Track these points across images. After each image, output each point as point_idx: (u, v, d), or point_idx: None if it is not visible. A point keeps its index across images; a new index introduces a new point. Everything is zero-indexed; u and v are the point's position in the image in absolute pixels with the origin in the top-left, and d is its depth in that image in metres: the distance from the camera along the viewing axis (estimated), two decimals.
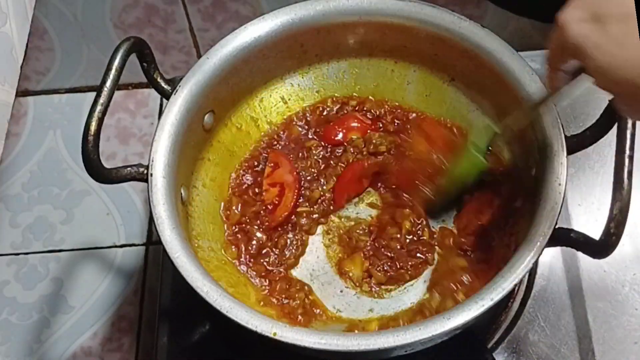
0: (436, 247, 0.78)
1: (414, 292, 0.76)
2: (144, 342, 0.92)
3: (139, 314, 0.93)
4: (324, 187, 0.82)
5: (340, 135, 0.85)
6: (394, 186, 0.82)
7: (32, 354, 0.92)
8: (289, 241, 0.79)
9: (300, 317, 0.74)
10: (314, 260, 0.79)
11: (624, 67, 0.47)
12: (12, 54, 0.81)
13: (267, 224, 0.80)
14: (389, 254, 0.78)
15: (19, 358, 0.92)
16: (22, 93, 1.10)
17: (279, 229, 0.80)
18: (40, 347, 0.92)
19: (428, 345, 0.66)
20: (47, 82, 1.10)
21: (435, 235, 0.79)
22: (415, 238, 0.79)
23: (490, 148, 0.74)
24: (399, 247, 0.78)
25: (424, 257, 0.78)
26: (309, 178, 0.83)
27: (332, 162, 0.84)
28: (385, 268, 0.77)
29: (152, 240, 0.98)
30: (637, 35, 0.46)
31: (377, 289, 0.77)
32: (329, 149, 0.84)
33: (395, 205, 0.80)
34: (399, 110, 0.86)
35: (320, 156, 0.84)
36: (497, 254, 0.74)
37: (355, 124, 0.85)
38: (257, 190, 0.82)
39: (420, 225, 0.79)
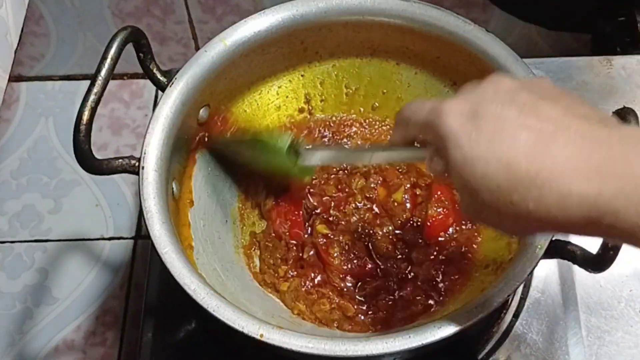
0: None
1: None
2: (128, 338, 0.91)
3: (124, 309, 0.93)
4: None
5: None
6: None
7: (14, 345, 0.91)
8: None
9: None
10: None
11: (488, 161, 0.48)
12: (6, 38, 0.81)
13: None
14: None
15: (1, 348, 0.91)
16: (15, 78, 1.10)
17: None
18: (22, 337, 0.91)
19: (417, 353, 0.65)
20: (41, 68, 1.09)
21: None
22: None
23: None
24: None
25: None
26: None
27: None
28: None
29: (141, 234, 0.98)
30: (506, 134, 0.48)
31: None
32: None
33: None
34: None
35: None
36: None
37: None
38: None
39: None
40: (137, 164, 0.69)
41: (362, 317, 0.74)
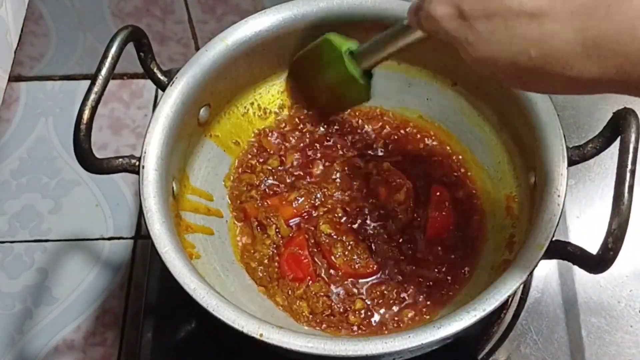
0: None
1: None
2: (128, 338, 0.91)
3: (124, 309, 0.92)
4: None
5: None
6: None
7: (14, 345, 0.91)
8: None
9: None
10: None
11: (495, 60, 0.50)
12: (6, 38, 0.81)
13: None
14: None
15: (0, 348, 0.91)
16: (14, 78, 1.09)
17: None
18: (22, 337, 0.91)
19: (417, 353, 0.65)
20: (41, 68, 1.09)
21: None
22: None
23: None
24: None
25: None
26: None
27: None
28: None
29: (141, 234, 0.97)
30: (502, 31, 0.48)
31: None
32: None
33: None
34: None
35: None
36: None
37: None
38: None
39: None
40: (137, 163, 0.68)
41: (364, 320, 0.74)
